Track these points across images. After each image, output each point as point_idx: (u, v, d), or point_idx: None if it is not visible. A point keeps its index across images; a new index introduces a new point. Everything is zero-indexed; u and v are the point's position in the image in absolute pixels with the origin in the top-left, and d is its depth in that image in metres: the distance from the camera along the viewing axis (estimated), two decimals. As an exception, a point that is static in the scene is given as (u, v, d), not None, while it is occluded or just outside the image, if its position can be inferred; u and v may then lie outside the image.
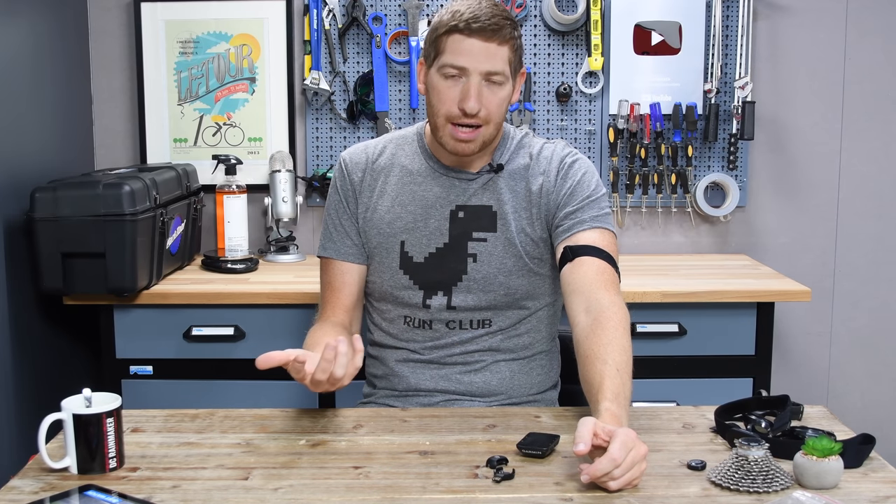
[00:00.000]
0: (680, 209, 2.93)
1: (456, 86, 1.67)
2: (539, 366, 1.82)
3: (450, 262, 1.76)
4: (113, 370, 2.44)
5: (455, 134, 1.69)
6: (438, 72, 1.68)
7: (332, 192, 1.85)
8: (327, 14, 2.83)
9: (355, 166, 1.82)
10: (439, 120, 1.70)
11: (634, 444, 1.29)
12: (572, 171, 1.76)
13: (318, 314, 1.83)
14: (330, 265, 1.84)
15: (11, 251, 2.31)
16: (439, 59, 1.68)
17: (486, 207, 1.76)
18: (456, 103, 1.67)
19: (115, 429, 1.36)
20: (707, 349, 2.46)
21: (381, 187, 1.80)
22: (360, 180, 1.81)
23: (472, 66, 1.65)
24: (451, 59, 1.66)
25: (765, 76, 2.90)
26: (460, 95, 1.66)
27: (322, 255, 1.85)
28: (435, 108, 1.70)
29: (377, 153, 1.83)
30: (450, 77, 1.67)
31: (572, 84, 2.87)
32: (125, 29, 2.89)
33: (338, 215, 1.83)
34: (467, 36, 1.64)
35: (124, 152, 2.94)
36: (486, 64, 1.65)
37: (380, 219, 1.79)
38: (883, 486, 1.32)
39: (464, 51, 1.65)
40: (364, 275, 1.83)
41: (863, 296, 2.98)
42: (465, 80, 1.66)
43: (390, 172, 1.80)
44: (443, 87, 1.68)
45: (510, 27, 1.67)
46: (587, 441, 1.27)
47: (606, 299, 1.60)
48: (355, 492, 1.30)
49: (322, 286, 1.86)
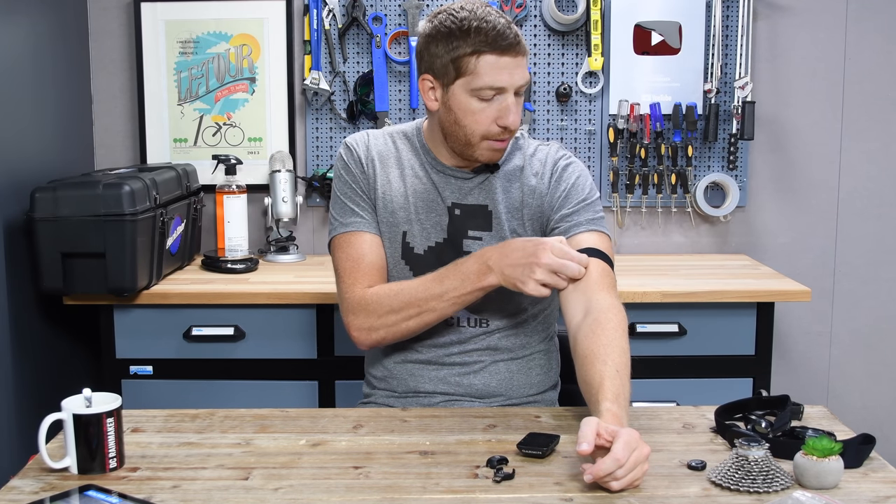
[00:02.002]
0: (680, 209, 2.94)
1: (490, 105, 1.66)
2: (538, 365, 1.82)
3: (448, 257, 1.75)
4: (113, 370, 2.44)
5: (492, 146, 1.69)
6: (470, 94, 1.66)
7: (342, 172, 1.80)
8: (327, 14, 2.83)
9: (362, 149, 1.80)
10: (473, 138, 1.68)
11: (638, 445, 1.29)
12: (566, 174, 1.76)
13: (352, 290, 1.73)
14: (358, 239, 1.75)
15: (11, 251, 2.31)
16: (468, 80, 1.65)
17: (481, 207, 1.76)
18: (493, 122, 1.66)
19: (115, 429, 1.36)
20: (707, 349, 2.46)
21: (385, 176, 1.79)
22: (368, 164, 1.79)
23: (509, 85, 1.65)
24: (490, 81, 1.63)
25: (765, 76, 2.90)
26: (498, 114, 1.66)
27: (345, 231, 1.76)
28: (469, 128, 1.68)
29: (380, 143, 1.82)
30: (485, 99, 1.65)
31: (572, 84, 2.87)
32: (125, 29, 2.89)
33: (354, 191, 1.77)
34: (500, 55, 1.63)
35: (124, 152, 2.94)
36: (520, 79, 1.66)
37: (384, 207, 1.78)
38: (883, 486, 1.32)
39: (501, 72, 1.63)
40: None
41: (863, 296, 2.98)
42: (500, 98, 1.66)
43: (391, 164, 1.80)
44: (477, 109, 1.66)
45: (520, 33, 1.67)
46: (591, 441, 1.27)
47: (606, 301, 1.60)
48: (355, 492, 1.31)
49: (350, 262, 1.75)
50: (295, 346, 2.43)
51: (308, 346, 2.43)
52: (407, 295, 1.69)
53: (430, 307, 1.67)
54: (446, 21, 1.66)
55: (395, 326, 1.71)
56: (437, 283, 1.67)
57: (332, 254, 1.79)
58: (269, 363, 2.44)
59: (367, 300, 1.72)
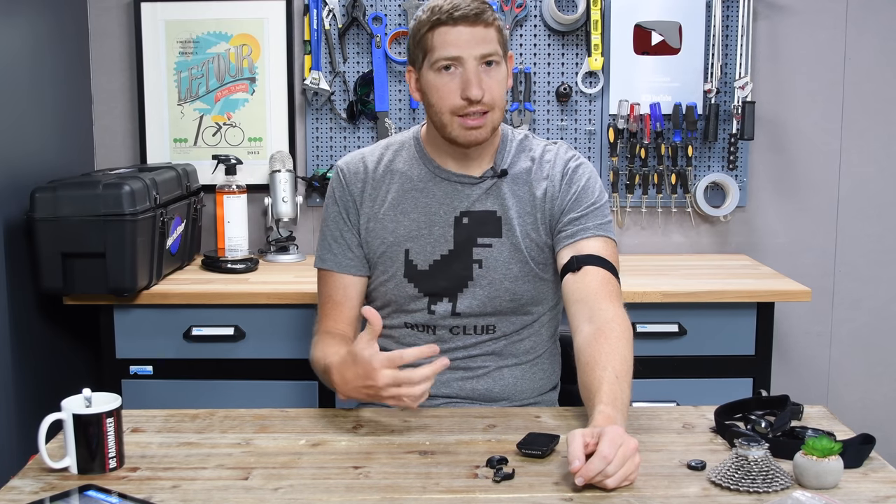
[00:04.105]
0: (680, 209, 2.94)
1: (453, 79, 1.65)
2: (541, 370, 1.82)
3: (455, 268, 1.74)
4: (113, 370, 2.44)
5: (464, 123, 1.66)
6: (432, 69, 1.67)
7: (329, 202, 1.82)
8: (327, 14, 2.83)
9: (354, 176, 1.79)
10: (444, 117, 1.67)
11: (623, 440, 1.28)
12: (577, 175, 1.75)
13: (318, 325, 1.80)
14: (330, 278, 1.80)
15: (11, 251, 2.31)
16: (429, 56, 1.66)
17: (490, 213, 1.75)
18: (458, 94, 1.65)
19: (115, 429, 1.36)
20: (707, 349, 2.46)
21: (383, 196, 1.77)
22: (361, 191, 1.78)
23: (465, 54, 1.64)
24: (442, 51, 1.64)
25: (765, 76, 2.90)
26: (461, 85, 1.64)
27: (321, 267, 1.81)
28: (437, 106, 1.68)
29: (375, 161, 1.80)
30: (445, 71, 1.65)
31: (572, 84, 2.87)
32: (125, 29, 2.89)
33: (337, 227, 1.79)
34: (452, 26, 1.63)
35: (124, 152, 2.94)
36: (479, 48, 1.64)
37: (383, 228, 1.77)
38: (883, 486, 1.32)
39: (453, 41, 1.63)
40: (365, 286, 1.81)
41: (863, 296, 2.98)
42: (461, 69, 1.65)
43: (391, 180, 1.78)
44: (440, 83, 1.66)
45: (489, 9, 1.66)
46: (581, 457, 1.26)
47: (610, 311, 1.59)
48: (355, 492, 1.30)
49: (322, 298, 1.82)
50: (295, 346, 2.43)
51: (308, 346, 2.41)
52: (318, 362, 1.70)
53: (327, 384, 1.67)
54: (420, 13, 1.70)
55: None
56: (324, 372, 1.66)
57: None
58: (269, 363, 2.44)
59: (314, 343, 1.75)
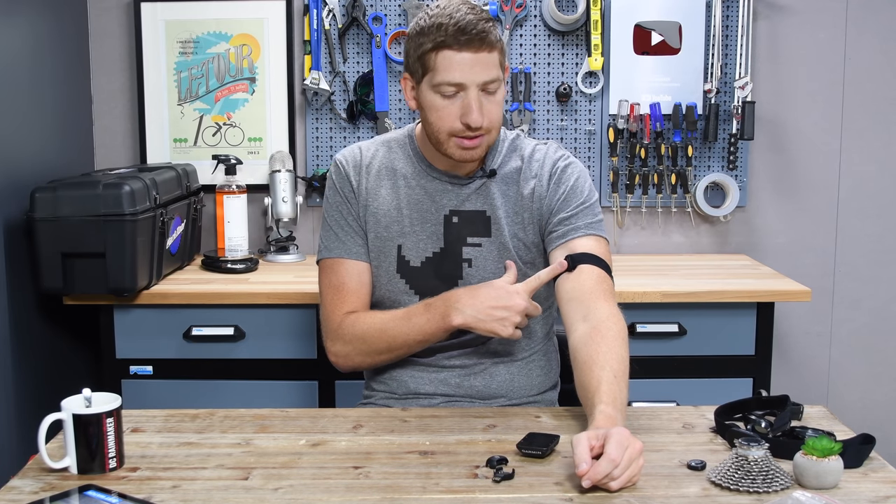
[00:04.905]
0: (680, 209, 2.93)
1: (454, 102, 1.64)
2: (538, 367, 1.82)
3: (445, 267, 1.75)
4: (113, 370, 2.44)
5: (461, 144, 1.66)
6: (433, 90, 1.65)
7: (330, 193, 1.81)
8: (327, 14, 2.83)
9: (351, 167, 1.80)
10: (441, 136, 1.67)
11: (630, 442, 1.29)
12: (565, 175, 1.75)
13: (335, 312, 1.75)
14: (341, 266, 1.78)
15: (11, 251, 2.31)
16: (430, 76, 1.64)
17: (479, 212, 1.75)
18: (457, 119, 1.64)
19: (115, 429, 1.37)
20: (707, 349, 2.46)
21: (376, 190, 1.78)
22: (358, 183, 1.79)
23: (468, 81, 1.62)
24: (446, 76, 1.62)
25: (765, 76, 2.90)
26: (461, 111, 1.63)
27: (329, 257, 1.79)
28: (435, 125, 1.67)
29: (370, 156, 1.81)
30: (447, 95, 1.64)
31: (572, 84, 2.87)
32: (125, 29, 2.89)
33: (341, 215, 1.79)
34: (458, 51, 1.61)
35: (124, 152, 2.94)
36: (482, 75, 1.62)
37: (376, 222, 1.77)
38: (883, 486, 1.32)
39: (457, 67, 1.61)
40: (371, 275, 1.81)
41: (863, 296, 2.98)
42: (462, 94, 1.63)
43: (384, 175, 1.79)
44: (440, 105, 1.65)
45: (493, 28, 1.64)
46: (588, 460, 1.27)
47: (605, 310, 1.60)
48: (355, 492, 1.31)
49: (333, 288, 1.77)
50: (295, 346, 2.43)
51: (308, 346, 2.43)
52: (377, 329, 1.71)
53: (399, 343, 1.71)
54: (420, 19, 1.67)
55: (368, 357, 1.75)
56: (405, 320, 1.69)
57: (319, 275, 1.82)
58: (269, 363, 2.44)
59: (343, 329, 1.74)
